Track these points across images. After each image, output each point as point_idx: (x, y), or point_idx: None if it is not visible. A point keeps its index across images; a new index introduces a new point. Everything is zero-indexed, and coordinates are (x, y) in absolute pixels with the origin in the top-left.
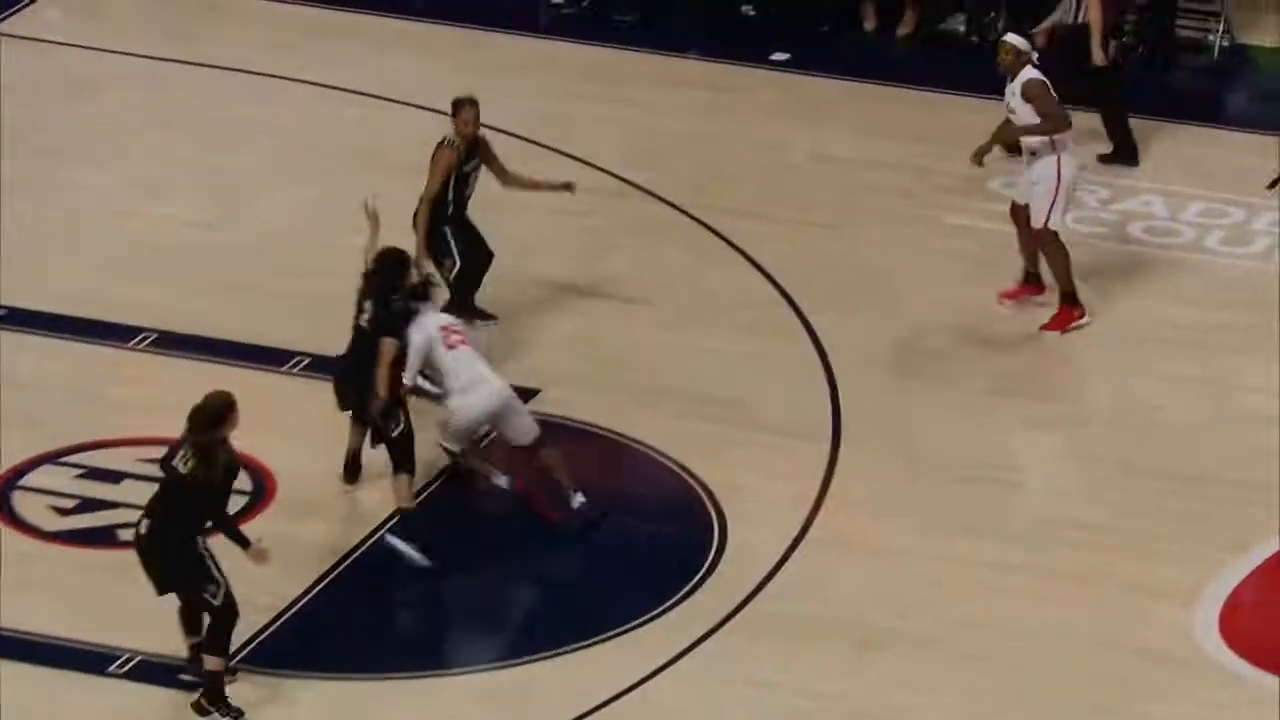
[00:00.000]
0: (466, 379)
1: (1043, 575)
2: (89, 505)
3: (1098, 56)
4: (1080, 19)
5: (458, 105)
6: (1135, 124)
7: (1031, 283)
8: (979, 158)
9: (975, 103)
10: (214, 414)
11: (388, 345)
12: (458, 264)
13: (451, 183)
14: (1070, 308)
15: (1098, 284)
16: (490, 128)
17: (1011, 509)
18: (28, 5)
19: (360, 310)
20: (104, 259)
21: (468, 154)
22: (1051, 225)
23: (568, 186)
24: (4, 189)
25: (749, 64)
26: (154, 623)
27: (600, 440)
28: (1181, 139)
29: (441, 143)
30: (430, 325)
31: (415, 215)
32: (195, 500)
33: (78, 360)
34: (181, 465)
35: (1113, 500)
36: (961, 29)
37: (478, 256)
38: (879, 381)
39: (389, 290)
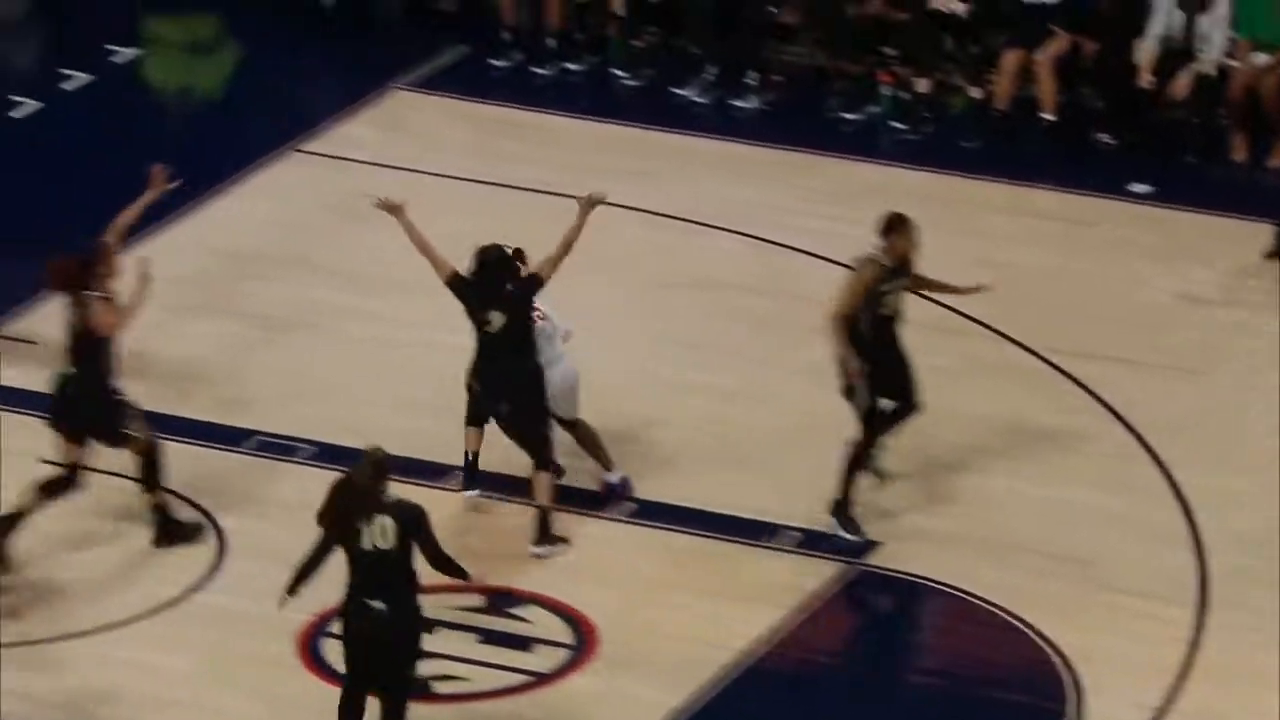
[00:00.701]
0: (548, 354)
1: None
2: None
3: None
4: None
5: (893, 223)
6: None
7: None
8: None
9: None
10: (377, 470)
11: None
12: (868, 404)
13: (865, 303)
14: None
15: None
16: (821, 258)
17: None
18: (335, 123)
19: (485, 321)
20: (412, 393)
21: (892, 272)
22: None
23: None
24: (312, 316)
25: (1106, 195)
26: None
27: (943, 597)
28: None
29: (864, 258)
30: None
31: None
32: (410, 566)
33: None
34: (383, 541)
35: None
36: None
37: (894, 408)
38: (1249, 542)
39: (504, 285)
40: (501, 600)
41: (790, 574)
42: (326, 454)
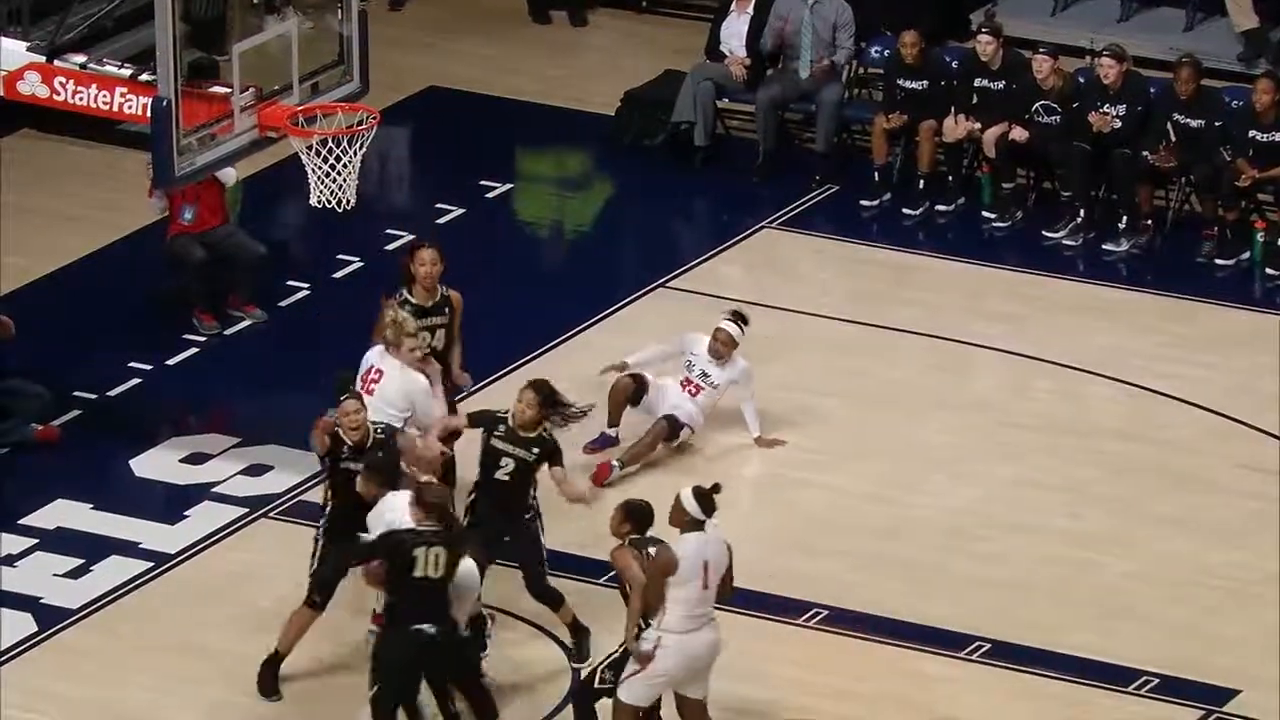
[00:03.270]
0: None
1: None
2: None
3: None
4: None
5: None
6: None
7: None
8: None
9: None
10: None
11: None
12: None
13: None
14: None
15: None
16: (1185, 402)
17: None
18: (704, 260)
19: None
20: (775, 529)
21: None
22: None
23: None
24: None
25: None
26: None
27: None
28: None
29: None
30: None
31: None
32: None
33: (744, 633)
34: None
35: None
36: None
37: None
38: None
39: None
40: None
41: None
42: None
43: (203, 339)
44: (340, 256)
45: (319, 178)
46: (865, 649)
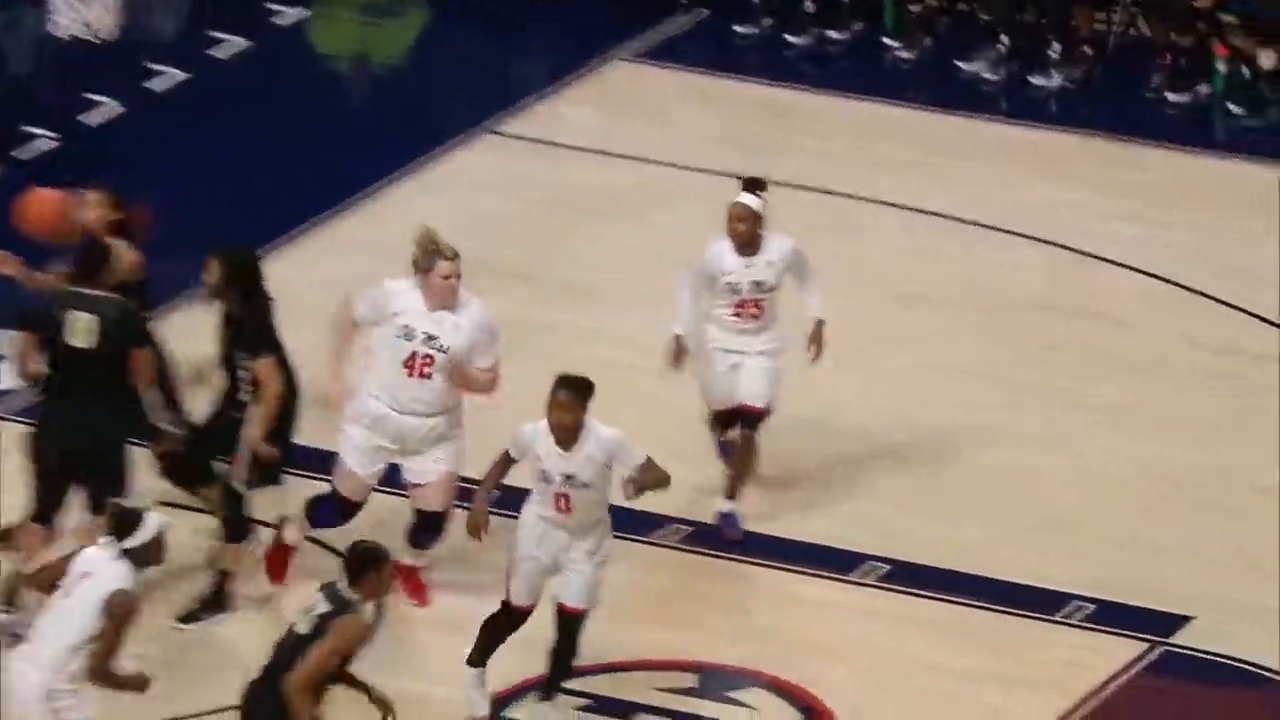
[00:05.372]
0: None
1: None
2: None
3: None
4: None
5: None
6: None
7: None
8: None
9: None
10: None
11: None
12: None
13: None
14: None
15: None
16: (1129, 267)
17: None
18: (540, 100)
19: None
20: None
21: None
22: None
23: None
24: (505, 332)
25: None
26: None
27: (1266, 683)
28: None
29: None
30: None
31: None
32: None
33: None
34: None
35: None
36: None
37: None
38: None
39: None
40: (717, 680)
41: (1078, 653)
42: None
43: None
44: (91, 97)
45: (68, 2)
46: (735, 571)
